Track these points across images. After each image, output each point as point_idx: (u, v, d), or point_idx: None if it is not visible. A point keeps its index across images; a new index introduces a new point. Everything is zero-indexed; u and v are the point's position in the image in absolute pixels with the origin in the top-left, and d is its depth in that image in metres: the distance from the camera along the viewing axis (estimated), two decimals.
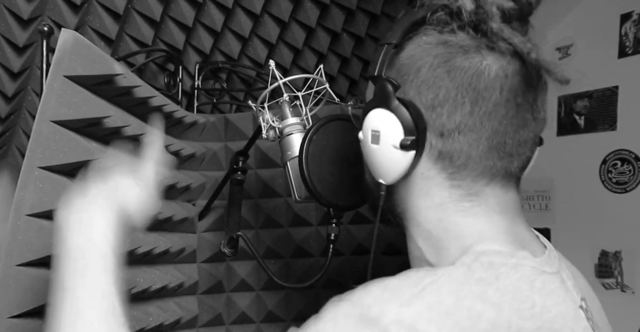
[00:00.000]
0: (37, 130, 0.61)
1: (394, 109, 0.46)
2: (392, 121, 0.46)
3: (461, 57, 0.45)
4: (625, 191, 1.67)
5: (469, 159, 0.46)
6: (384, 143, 0.47)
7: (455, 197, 0.48)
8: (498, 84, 0.45)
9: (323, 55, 1.49)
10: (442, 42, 0.46)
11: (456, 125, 0.45)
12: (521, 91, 0.46)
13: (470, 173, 0.47)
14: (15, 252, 0.59)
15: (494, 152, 0.46)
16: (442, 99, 0.45)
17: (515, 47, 0.44)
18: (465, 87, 0.45)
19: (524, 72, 0.46)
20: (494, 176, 0.47)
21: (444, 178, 0.48)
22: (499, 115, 0.45)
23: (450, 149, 0.46)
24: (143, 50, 1.12)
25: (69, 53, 0.63)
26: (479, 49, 0.45)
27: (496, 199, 0.48)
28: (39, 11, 0.96)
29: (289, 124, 0.74)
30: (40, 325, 0.61)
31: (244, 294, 1.09)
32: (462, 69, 0.45)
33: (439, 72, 0.45)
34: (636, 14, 1.66)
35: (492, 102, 0.45)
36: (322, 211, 1.07)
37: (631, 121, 1.67)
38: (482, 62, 0.45)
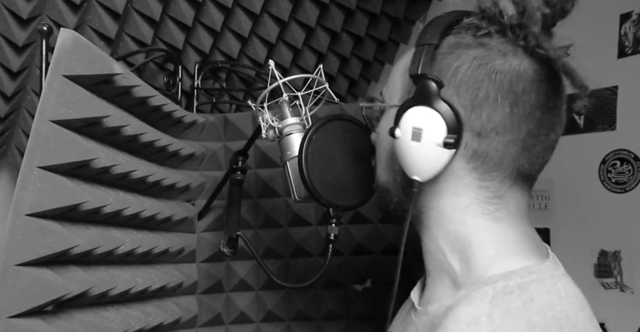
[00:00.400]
0: (36, 129, 0.61)
1: (439, 108, 0.46)
2: (435, 119, 0.46)
3: (500, 59, 0.46)
4: (624, 190, 1.68)
5: (502, 159, 0.47)
6: (425, 140, 0.47)
7: (482, 199, 0.48)
8: (535, 87, 0.46)
9: (322, 55, 1.49)
10: (479, 44, 0.48)
11: (495, 126, 0.46)
12: (552, 96, 0.47)
13: (500, 174, 0.48)
14: (14, 252, 0.59)
15: (526, 154, 0.48)
16: (482, 99, 0.46)
17: (548, 53, 0.45)
18: (505, 89, 0.46)
19: (551, 78, 0.47)
20: (518, 179, 0.48)
21: (473, 178, 0.48)
22: (535, 118, 0.47)
23: (486, 149, 0.47)
24: (142, 50, 1.12)
25: (68, 52, 0.63)
26: (516, 52, 0.47)
27: (515, 202, 0.49)
28: (38, 10, 0.96)
29: (288, 124, 0.74)
30: (39, 325, 0.61)
31: (244, 293, 1.09)
32: (502, 72, 0.46)
33: (479, 73, 0.46)
34: (636, 14, 1.66)
35: (530, 104, 0.46)
36: (322, 210, 1.07)
37: (631, 121, 1.67)
38: (520, 66, 0.46)
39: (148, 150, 0.87)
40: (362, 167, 0.68)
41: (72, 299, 0.65)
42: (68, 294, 0.63)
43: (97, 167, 0.69)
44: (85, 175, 0.69)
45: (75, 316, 0.68)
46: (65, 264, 0.67)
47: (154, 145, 0.86)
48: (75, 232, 0.66)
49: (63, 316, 0.66)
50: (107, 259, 0.76)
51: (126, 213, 0.77)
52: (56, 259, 0.64)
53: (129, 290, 0.78)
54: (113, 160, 0.72)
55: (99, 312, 0.73)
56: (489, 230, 0.48)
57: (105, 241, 0.72)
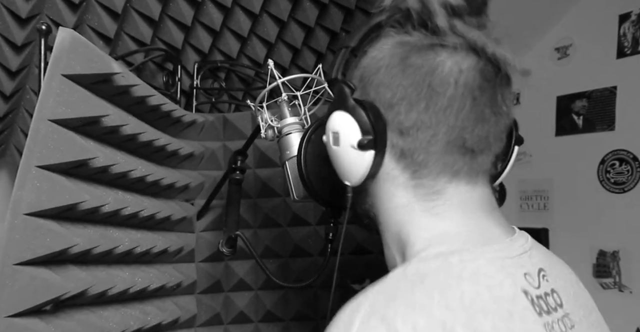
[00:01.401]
0: (34, 129, 0.61)
1: (351, 110, 0.47)
2: (349, 122, 0.47)
3: (415, 55, 0.46)
4: (623, 191, 1.68)
5: (428, 155, 0.47)
6: (343, 144, 0.48)
7: (420, 197, 0.48)
8: (452, 79, 0.45)
9: (322, 55, 1.49)
10: (399, 42, 0.48)
11: (413, 123, 0.46)
12: (477, 85, 0.46)
13: (431, 171, 0.47)
14: (13, 251, 0.58)
15: (453, 147, 0.46)
16: (399, 97, 0.46)
17: (469, 42, 0.45)
18: (420, 83, 0.45)
19: (480, 67, 0.46)
20: (457, 172, 0.47)
21: (407, 178, 0.48)
22: (454, 110, 0.45)
23: (411, 147, 0.47)
24: (142, 50, 1.12)
25: (67, 52, 0.63)
26: (432, 46, 0.46)
27: (460, 196, 0.48)
28: (37, 10, 0.96)
29: (287, 124, 0.74)
30: (38, 324, 0.61)
31: (243, 293, 1.09)
32: (416, 67, 0.46)
33: (395, 71, 0.46)
34: (634, 14, 1.66)
35: (447, 97, 0.45)
36: (321, 210, 1.07)
37: (629, 121, 1.67)
38: (435, 59, 0.45)
39: (147, 149, 0.86)
40: None
41: (71, 299, 0.65)
42: (66, 293, 0.62)
43: (96, 167, 0.68)
44: (83, 174, 0.69)
45: (74, 315, 0.68)
46: (64, 264, 0.67)
47: (153, 144, 0.86)
48: (73, 232, 0.66)
49: (61, 315, 0.66)
50: (105, 259, 0.76)
51: (125, 212, 0.77)
52: (55, 258, 0.63)
53: (128, 289, 0.78)
54: (112, 160, 0.72)
55: (97, 312, 0.73)
56: (426, 227, 0.47)
57: (104, 240, 0.72)
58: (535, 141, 1.91)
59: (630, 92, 1.69)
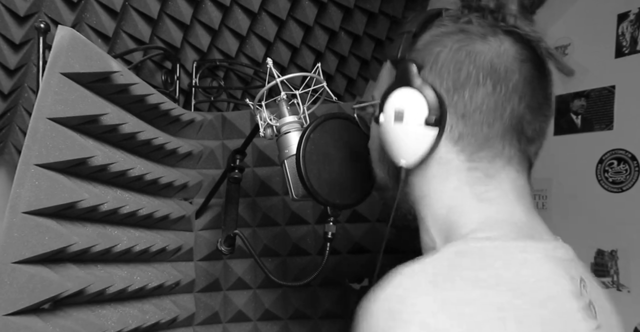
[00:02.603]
0: (33, 127, 0.61)
1: (419, 87, 0.47)
2: (417, 99, 0.47)
3: (480, 41, 0.47)
4: (621, 190, 1.68)
5: (487, 139, 0.47)
6: (408, 121, 0.48)
7: (472, 180, 0.48)
8: (517, 66, 0.47)
9: (321, 54, 1.49)
10: (460, 29, 0.49)
11: (478, 105, 0.47)
12: (535, 77, 0.47)
13: (487, 153, 0.48)
14: (11, 249, 0.58)
15: (513, 133, 0.47)
16: (464, 80, 0.47)
17: (528, 35, 0.46)
18: (487, 68, 0.46)
19: (535, 60, 0.47)
20: (511, 158, 0.48)
21: (462, 161, 0.48)
22: (518, 96, 0.47)
23: (471, 130, 0.47)
24: (140, 48, 1.12)
25: (66, 50, 0.63)
26: (496, 33, 0.47)
27: (512, 184, 0.48)
28: (35, 8, 0.96)
29: (286, 123, 0.74)
30: (36, 323, 0.61)
31: (241, 292, 1.09)
32: (482, 52, 0.47)
33: (460, 55, 0.47)
34: (633, 13, 1.66)
35: (512, 83, 0.46)
36: (319, 209, 1.07)
37: (628, 121, 1.67)
38: (500, 46, 0.47)
39: (145, 148, 0.86)
40: (360, 166, 0.68)
41: (69, 297, 0.65)
42: (65, 291, 0.62)
43: (95, 165, 0.68)
44: (82, 173, 0.69)
45: (72, 313, 0.68)
46: (63, 262, 0.67)
47: (152, 143, 0.86)
48: (72, 230, 0.66)
49: (60, 314, 0.66)
50: (104, 257, 0.76)
51: (123, 211, 0.77)
52: (53, 256, 0.63)
53: (126, 288, 0.78)
54: (110, 158, 0.72)
55: (96, 310, 0.73)
56: (476, 211, 0.47)
57: (103, 239, 0.72)
58: None
59: (629, 91, 1.69)
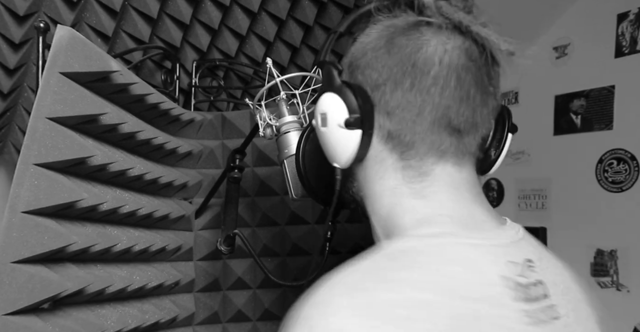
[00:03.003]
0: (32, 127, 0.61)
1: (338, 90, 0.48)
2: (336, 101, 0.47)
3: (400, 35, 0.47)
4: (621, 190, 1.68)
5: (414, 135, 0.47)
6: (330, 123, 0.48)
7: (407, 179, 0.48)
8: (436, 58, 0.45)
9: None
10: (386, 26, 0.48)
11: (399, 102, 0.46)
12: (462, 65, 0.46)
13: (418, 151, 0.47)
14: (10, 249, 0.58)
15: (440, 127, 0.46)
16: (385, 77, 0.47)
17: (453, 21, 0.45)
18: (405, 63, 0.46)
19: (465, 46, 0.46)
20: (443, 153, 0.47)
21: (395, 159, 0.48)
22: (439, 89, 0.46)
23: (397, 127, 0.47)
24: (140, 48, 1.12)
25: (65, 50, 0.63)
26: (418, 25, 0.47)
27: (449, 177, 0.48)
28: (35, 7, 0.96)
29: (286, 122, 0.74)
30: (36, 323, 0.61)
31: (241, 292, 1.09)
32: (401, 46, 0.46)
33: (381, 52, 0.47)
34: (632, 13, 1.66)
35: (431, 76, 0.45)
36: (319, 209, 1.07)
37: (627, 121, 1.68)
38: (419, 38, 0.46)
39: (145, 148, 0.86)
40: None
41: (69, 297, 0.65)
42: (64, 291, 0.62)
43: (94, 165, 0.68)
44: (81, 172, 0.69)
45: (72, 313, 0.68)
46: (62, 262, 0.66)
47: (151, 143, 0.86)
48: (71, 230, 0.66)
49: (59, 314, 0.66)
50: (103, 257, 0.76)
51: (123, 211, 0.77)
52: (52, 256, 0.63)
53: (126, 288, 0.78)
54: (110, 158, 0.72)
55: (95, 310, 0.73)
56: (414, 209, 0.48)
57: (102, 238, 0.72)
58: (533, 140, 1.91)
59: (628, 91, 1.69)
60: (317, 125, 0.51)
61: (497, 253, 0.44)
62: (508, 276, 0.43)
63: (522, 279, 0.44)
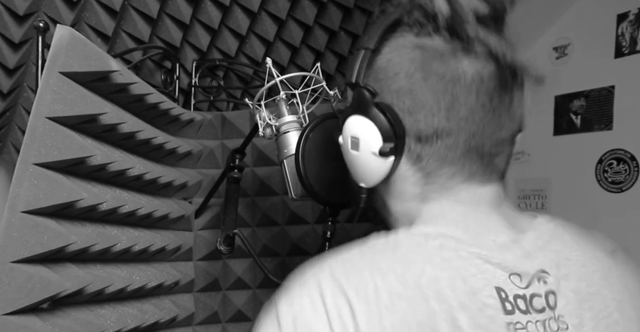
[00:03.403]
0: (32, 126, 0.61)
1: (372, 117, 0.47)
2: (370, 128, 0.47)
3: (437, 62, 0.46)
4: (620, 190, 1.68)
5: (445, 161, 0.47)
6: (363, 150, 0.48)
7: (427, 190, 0.49)
8: (474, 88, 0.45)
9: (320, 53, 1.49)
10: (418, 45, 0.47)
11: (433, 131, 0.46)
12: (497, 94, 0.46)
13: (446, 172, 0.48)
14: (10, 249, 0.58)
15: (473, 154, 0.47)
16: (419, 105, 0.46)
17: (491, 50, 0.45)
18: (442, 92, 0.45)
19: (499, 74, 0.46)
20: (472, 175, 0.48)
21: (420, 177, 0.49)
22: (476, 119, 0.46)
23: (429, 153, 0.47)
24: (140, 47, 1.12)
25: (65, 49, 0.63)
26: (455, 52, 0.46)
27: (469, 192, 0.49)
28: (34, 7, 0.96)
29: (285, 122, 0.74)
30: (35, 322, 0.61)
31: (240, 292, 1.09)
32: (438, 75, 0.45)
33: (416, 78, 0.46)
34: (632, 14, 1.66)
35: (468, 106, 0.45)
36: (319, 208, 1.07)
37: (627, 121, 1.67)
38: (457, 68, 0.45)
39: (145, 147, 0.86)
40: None
41: (68, 297, 0.65)
42: (64, 291, 0.62)
43: (94, 165, 0.68)
44: (81, 172, 0.69)
45: (71, 313, 0.68)
46: (62, 262, 0.66)
47: (151, 143, 0.86)
48: (71, 230, 0.66)
49: (59, 314, 0.66)
50: (103, 257, 0.75)
51: (122, 211, 0.77)
52: (52, 256, 0.63)
53: (126, 288, 0.78)
54: (109, 158, 0.72)
55: (95, 310, 0.73)
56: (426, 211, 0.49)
57: (102, 238, 0.72)
58: (533, 140, 1.91)
59: (628, 91, 1.69)
60: (347, 147, 0.50)
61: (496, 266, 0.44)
62: (503, 288, 0.43)
63: (523, 291, 0.44)
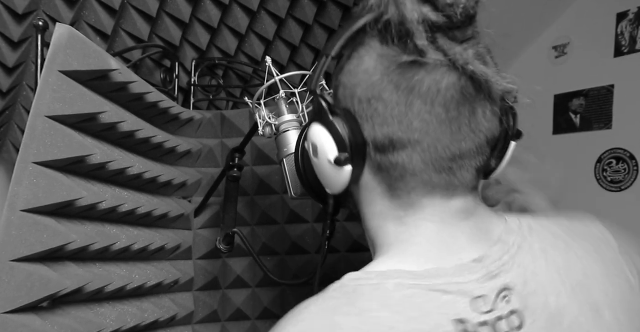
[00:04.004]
0: (31, 125, 0.61)
1: (329, 126, 0.47)
2: (326, 137, 0.47)
3: (394, 72, 0.45)
4: (620, 189, 1.68)
5: (404, 172, 0.47)
6: (321, 158, 0.49)
7: (394, 206, 0.49)
8: (429, 99, 0.44)
9: (320, 53, 1.49)
10: (380, 55, 0.46)
11: (389, 141, 0.46)
12: (455, 105, 0.44)
13: (407, 185, 0.47)
14: (9, 247, 0.58)
15: (430, 166, 0.46)
16: (376, 113, 0.46)
17: (450, 59, 0.43)
18: (396, 102, 0.45)
19: (461, 84, 0.44)
20: (433, 188, 0.47)
21: (384, 189, 0.49)
22: (430, 131, 0.45)
23: (387, 163, 0.47)
24: (139, 46, 1.12)
25: (64, 48, 0.63)
26: (411, 64, 0.44)
27: (434, 208, 0.48)
28: (34, 6, 0.96)
29: (285, 121, 0.74)
30: (35, 321, 0.61)
31: (240, 290, 1.09)
32: (395, 84, 0.45)
33: (376, 88, 0.46)
34: (632, 13, 1.66)
35: (422, 118, 0.44)
36: (318, 208, 1.07)
37: (627, 120, 1.68)
38: (413, 78, 0.44)
39: (144, 146, 0.86)
40: None
41: (68, 295, 0.65)
42: (64, 290, 0.62)
43: (93, 164, 0.68)
44: (81, 171, 0.69)
45: (71, 312, 0.68)
46: (61, 260, 0.67)
47: (151, 141, 0.86)
48: (71, 229, 0.66)
49: (58, 312, 0.66)
50: (103, 256, 0.76)
51: (122, 210, 0.77)
52: (52, 255, 0.63)
53: (125, 286, 0.78)
54: (109, 157, 0.72)
55: (94, 309, 0.73)
56: (392, 234, 0.49)
57: (101, 237, 0.72)
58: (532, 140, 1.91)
59: (628, 90, 1.69)
60: (309, 152, 0.51)
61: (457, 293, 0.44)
62: (465, 318, 0.43)
63: (487, 317, 0.43)
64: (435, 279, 0.44)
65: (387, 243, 0.49)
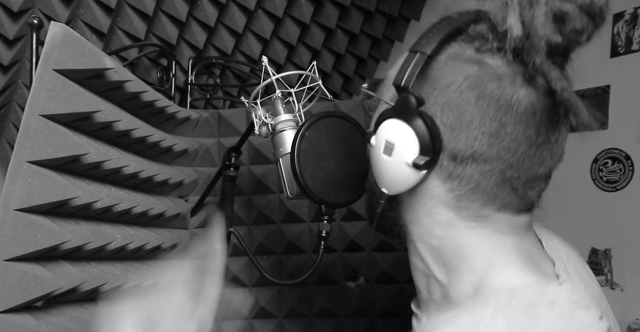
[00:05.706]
0: (25, 124, 0.60)
1: (414, 126, 0.44)
2: (409, 137, 0.44)
3: (493, 84, 0.43)
4: (615, 189, 1.69)
5: (478, 186, 0.45)
6: (396, 157, 0.45)
7: (463, 217, 0.46)
8: (524, 119, 0.43)
9: (317, 52, 1.49)
10: (477, 61, 0.44)
11: (472, 153, 0.44)
12: (545, 130, 0.44)
13: (478, 199, 0.46)
14: (3, 247, 0.58)
15: (507, 185, 0.45)
16: (464, 123, 0.44)
17: (550, 84, 0.42)
18: (491, 117, 0.43)
19: (551, 111, 0.44)
20: (506, 205, 0.46)
21: (451, 198, 0.46)
22: (519, 151, 0.44)
23: (462, 174, 0.45)
24: (135, 45, 1.11)
25: (59, 46, 0.63)
26: (514, 79, 0.43)
27: (506, 221, 0.47)
28: (29, 4, 0.95)
29: (281, 121, 0.74)
30: (29, 321, 0.60)
31: (236, 290, 1.09)
32: (492, 98, 0.43)
33: (467, 95, 0.43)
34: (628, 13, 1.67)
35: (514, 137, 0.43)
36: (315, 207, 1.07)
37: (622, 120, 1.68)
38: (513, 95, 0.43)
39: (140, 145, 0.86)
40: (355, 164, 0.67)
41: (62, 295, 0.65)
42: (58, 289, 0.62)
43: (88, 163, 0.68)
44: (76, 170, 0.69)
45: (65, 311, 0.68)
46: (56, 260, 0.66)
47: (147, 140, 0.85)
48: (65, 228, 0.65)
49: (53, 312, 0.66)
50: (98, 255, 0.75)
51: (118, 209, 0.77)
52: (46, 254, 0.63)
53: (120, 286, 0.78)
54: (104, 156, 0.72)
55: (89, 308, 0.73)
56: (475, 246, 0.47)
57: (96, 236, 0.71)
58: None
59: (624, 91, 1.70)
60: (378, 149, 0.47)
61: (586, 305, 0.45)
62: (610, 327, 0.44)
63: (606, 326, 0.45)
64: (573, 293, 0.45)
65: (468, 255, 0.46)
